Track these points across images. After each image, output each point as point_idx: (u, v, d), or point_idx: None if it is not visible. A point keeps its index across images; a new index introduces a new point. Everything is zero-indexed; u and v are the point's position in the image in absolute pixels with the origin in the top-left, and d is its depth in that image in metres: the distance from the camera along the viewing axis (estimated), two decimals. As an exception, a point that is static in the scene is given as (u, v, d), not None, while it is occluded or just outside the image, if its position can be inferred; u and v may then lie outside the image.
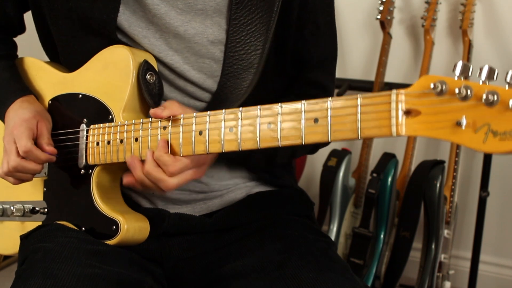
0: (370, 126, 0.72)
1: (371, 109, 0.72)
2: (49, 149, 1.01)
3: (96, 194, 0.99)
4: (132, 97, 0.98)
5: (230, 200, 1.08)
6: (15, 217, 1.09)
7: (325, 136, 0.76)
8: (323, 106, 0.76)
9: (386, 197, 1.92)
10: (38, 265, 0.89)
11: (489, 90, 0.64)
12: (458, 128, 0.66)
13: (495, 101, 0.63)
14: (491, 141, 0.64)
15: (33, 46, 1.22)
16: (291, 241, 0.99)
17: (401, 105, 0.70)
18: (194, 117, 0.88)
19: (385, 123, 0.71)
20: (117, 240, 0.95)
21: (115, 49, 0.99)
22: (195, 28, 0.99)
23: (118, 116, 0.98)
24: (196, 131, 0.87)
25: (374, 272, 1.89)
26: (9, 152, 1.01)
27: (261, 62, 0.97)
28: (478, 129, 0.65)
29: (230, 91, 0.99)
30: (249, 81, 0.98)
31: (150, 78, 0.97)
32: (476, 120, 0.65)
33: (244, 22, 0.98)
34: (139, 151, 0.93)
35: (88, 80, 1.03)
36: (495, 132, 0.64)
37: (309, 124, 0.77)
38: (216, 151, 0.86)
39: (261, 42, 0.97)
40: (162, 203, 1.06)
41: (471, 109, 0.65)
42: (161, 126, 0.91)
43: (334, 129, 0.75)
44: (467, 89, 0.65)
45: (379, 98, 0.72)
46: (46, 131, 1.03)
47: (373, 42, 2.21)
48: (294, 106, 0.79)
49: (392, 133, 0.70)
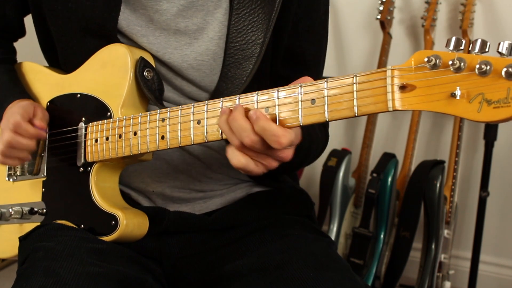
0: (367, 103, 0.73)
1: (367, 86, 0.73)
2: (39, 123, 1.02)
3: (95, 191, 0.99)
4: (131, 93, 0.98)
5: (230, 199, 1.08)
6: (14, 219, 1.09)
7: (322, 116, 0.76)
8: (320, 87, 0.77)
9: (386, 197, 1.92)
10: (39, 264, 0.89)
11: (482, 60, 0.65)
12: (453, 99, 0.66)
13: (488, 70, 0.64)
14: (485, 110, 0.64)
15: (33, 50, 1.22)
16: (291, 240, 0.99)
17: (396, 80, 0.71)
18: (192, 107, 0.88)
19: (381, 99, 0.72)
20: (116, 235, 0.95)
21: (113, 48, 1.00)
22: (196, 24, 1.00)
23: (116, 113, 0.98)
24: (195, 120, 0.87)
25: (374, 272, 1.89)
26: (3, 130, 1.02)
27: (261, 52, 0.98)
28: (473, 99, 0.65)
29: (231, 81, 0.99)
30: (249, 70, 0.98)
31: (147, 75, 0.98)
32: (470, 90, 0.66)
33: (246, 12, 0.99)
34: (138, 146, 0.93)
35: (86, 80, 1.04)
36: (489, 101, 0.64)
37: (306, 106, 0.77)
38: (214, 139, 0.86)
39: (262, 31, 0.98)
40: (162, 202, 1.06)
41: (465, 80, 0.66)
42: (159, 118, 0.91)
43: (331, 109, 0.76)
44: (460, 60, 0.66)
45: (374, 75, 0.73)
46: (41, 112, 1.04)
47: (373, 42, 2.21)
48: (291, 89, 0.79)
49: (388, 108, 0.71)
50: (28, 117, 1.02)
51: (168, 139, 0.90)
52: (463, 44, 0.68)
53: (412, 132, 2.03)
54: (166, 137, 0.90)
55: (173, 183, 1.05)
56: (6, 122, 1.03)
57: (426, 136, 2.19)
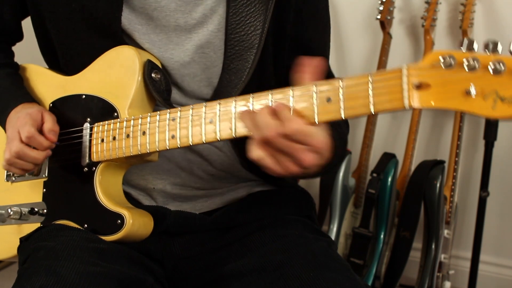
0: (383, 100, 0.74)
1: (383, 85, 0.74)
2: (50, 135, 1.01)
3: (100, 190, 0.99)
4: (139, 94, 0.98)
5: (231, 199, 1.08)
6: (12, 220, 1.09)
7: (338, 114, 0.77)
8: (335, 86, 0.77)
9: (386, 197, 1.92)
10: (40, 263, 0.89)
11: (495, 59, 0.67)
12: (468, 96, 0.68)
13: (501, 69, 0.66)
14: (500, 106, 0.67)
15: (32, 54, 1.22)
16: (292, 240, 0.99)
17: (412, 78, 0.72)
18: (204, 106, 0.88)
19: (397, 97, 0.73)
20: (122, 234, 0.95)
21: (121, 49, 1.00)
22: (195, 19, 1.00)
23: (123, 113, 0.98)
24: (207, 119, 0.87)
25: (374, 272, 1.89)
26: (12, 139, 1.01)
27: (261, 42, 0.98)
28: (487, 96, 0.67)
29: (234, 73, 1.00)
30: (251, 61, 0.98)
31: (155, 76, 0.98)
32: (484, 88, 0.68)
33: (244, 3, 0.99)
34: (146, 145, 0.93)
35: (92, 81, 1.04)
36: (503, 98, 0.66)
37: (321, 103, 0.78)
38: (226, 138, 0.86)
39: (260, 22, 0.99)
40: (163, 200, 1.06)
41: (479, 78, 0.68)
42: (169, 118, 0.91)
43: (347, 106, 0.76)
44: (474, 60, 0.68)
45: (390, 74, 0.74)
46: (51, 119, 1.03)
47: (373, 42, 2.21)
48: (306, 88, 0.79)
49: (405, 106, 0.72)
50: (38, 127, 1.01)
51: (179, 138, 0.90)
52: (475, 45, 0.70)
53: (412, 132, 2.03)
54: (177, 136, 0.90)
55: (174, 180, 1.05)
56: (14, 131, 1.01)
57: (426, 136, 2.19)
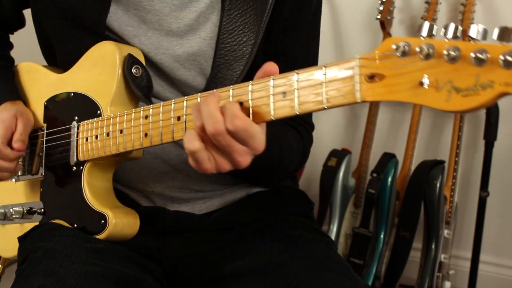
0: (336, 95, 0.70)
1: (336, 77, 0.70)
2: (16, 146, 1.02)
3: (87, 189, 0.99)
4: (119, 91, 0.98)
5: (230, 200, 1.08)
6: (15, 219, 1.09)
7: (292, 110, 0.74)
8: (290, 79, 0.74)
9: (386, 197, 1.92)
10: (39, 264, 0.89)
11: (450, 46, 0.60)
12: (421, 88, 0.62)
13: (456, 56, 0.60)
14: (454, 98, 0.60)
15: (33, 50, 1.22)
16: (291, 241, 0.99)
17: (364, 70, 0.67)
18: (173, 103, 0.85)
19: (349, 90, 0.68)
20: (105, 234, 0.95)
21: (102, 45, 0.99)
22: (188, 25, 0.99)
23: (106, 111, 0.98)
24: (175, 117, 0.85)
25: (374, 272, 1.90)
26: None
27: (252, 53, 0.98)
28: (441, 88, 0.61)
29: (221, 81, 0.99)
30: (239, 71, 0.98)
31: (136, 72, 0.97)
32: (439, 78, 0.61)
33: (238, 13, 0.98)
34: (123, 144, 0.92)
35: (79, 78, 1.04)
36: (458, 89, 0.60)
37: (277, 99, 0.75)
38: None
39: (254, 32, 0.98)
40: (161, 202, 1.05)
41: (434, 67, 0.62)
42: (142, 115, 0.90)
43: (301, 101, 0.73)
44: (428, 46, 0.62)
45: (342, 64, 0.70)
46: (22, 127, 1.04)
47: (373, 42, 2.21)
48: (264, 82, 0.77)
49: (357, 99, 0.68)
50: (7, 137, 1.02)
51: (151, 136, 0.88)
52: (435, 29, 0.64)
53: (412, 132, 2.03)
54: (149, 134, 0.89)
55: (172, 183, 1.04)
56: None
57: (426, 136, 2.19)
